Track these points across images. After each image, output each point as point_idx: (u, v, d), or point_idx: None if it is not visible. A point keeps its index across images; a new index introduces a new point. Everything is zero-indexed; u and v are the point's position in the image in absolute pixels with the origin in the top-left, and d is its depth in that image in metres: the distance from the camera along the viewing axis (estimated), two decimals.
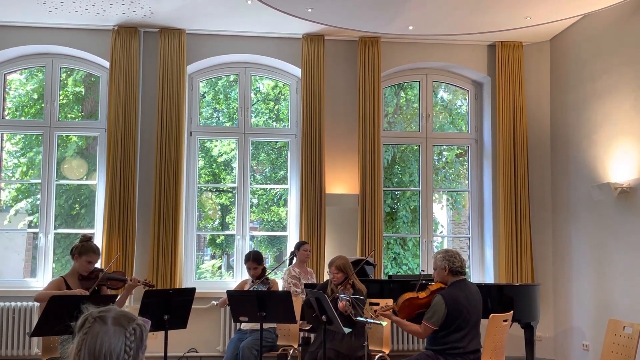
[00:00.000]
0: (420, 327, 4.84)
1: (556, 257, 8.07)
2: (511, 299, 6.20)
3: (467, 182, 8.74)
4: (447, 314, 4.71)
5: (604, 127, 7.07)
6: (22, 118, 8.19)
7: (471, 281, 5.20)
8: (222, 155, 8.67)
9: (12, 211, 8.22)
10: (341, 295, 5.41)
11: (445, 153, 9.24)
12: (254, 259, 6.20)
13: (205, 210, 8.69)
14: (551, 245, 8.16)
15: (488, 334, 5.01)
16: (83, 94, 8.47)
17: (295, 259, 6.96)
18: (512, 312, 5.40)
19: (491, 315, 5.11)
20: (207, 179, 8.65)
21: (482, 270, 8.41)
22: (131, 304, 7.19)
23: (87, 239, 5.13)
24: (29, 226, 8.22)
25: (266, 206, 8.83)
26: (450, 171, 9.41)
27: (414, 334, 5.02)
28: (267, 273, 6.23)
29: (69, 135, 8.23)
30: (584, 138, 7.45)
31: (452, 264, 4.87)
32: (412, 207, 9.54)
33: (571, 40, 7.82)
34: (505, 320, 5.19)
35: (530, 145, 8.19)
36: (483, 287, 5.89)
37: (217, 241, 8.96)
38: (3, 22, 7.64)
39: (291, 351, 6.17)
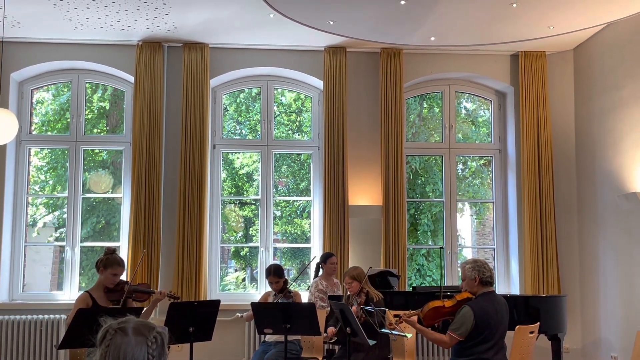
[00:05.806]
0: (446, 336, 4.80)
1: (583, 267, 7.97)
2: (537, 310, 6.13)
3: (491, 192, 8.68)
4: (475, 326, 4.67)
5: (629, 135, 6.99)
6: (49, 133, 8.31)
7: (497, 293, 5.15)
8: (243, 167, 8.71)
9: (40, 223, 8.33)
10: (362, 306, 5.37)
11: (468, 163, 9.19)
12: (274, 274, 6.17)
13: (229, 222, 8.72)
14: (578, 255, 8.06)
15: (514, 345, 4.96)
16: (108, 108, 8.57)
17: (321, 270, 6.92)
18: (538, 323, 5.34)
19: (517, 326, 5.06)
20: (229, 191, 8.68)
21: (508, 281, 8.33)
22: (157, 317, 7.24)
23: (112, 252, 5.14)
24: (56, 239, 8.32)
25: (289, 218, 8.84)
26: (475, 182, 9.35)
27: (438, 343, 4.97)
28: (289, 285, 6.22)
29: (95, 150, 8.34)
30: (610, 147, 7.37)
31: (482, 274, 4.83)
32: (434, 217, 9.47)
33: (595, 49, 7.76)
34: (531, 332, 5.13)
35: (555, 155, 8.12)
36: (509, 299, 5.83)
37: (241, 253, 8.99)
38: (30, 39, 7.78)
39: None
